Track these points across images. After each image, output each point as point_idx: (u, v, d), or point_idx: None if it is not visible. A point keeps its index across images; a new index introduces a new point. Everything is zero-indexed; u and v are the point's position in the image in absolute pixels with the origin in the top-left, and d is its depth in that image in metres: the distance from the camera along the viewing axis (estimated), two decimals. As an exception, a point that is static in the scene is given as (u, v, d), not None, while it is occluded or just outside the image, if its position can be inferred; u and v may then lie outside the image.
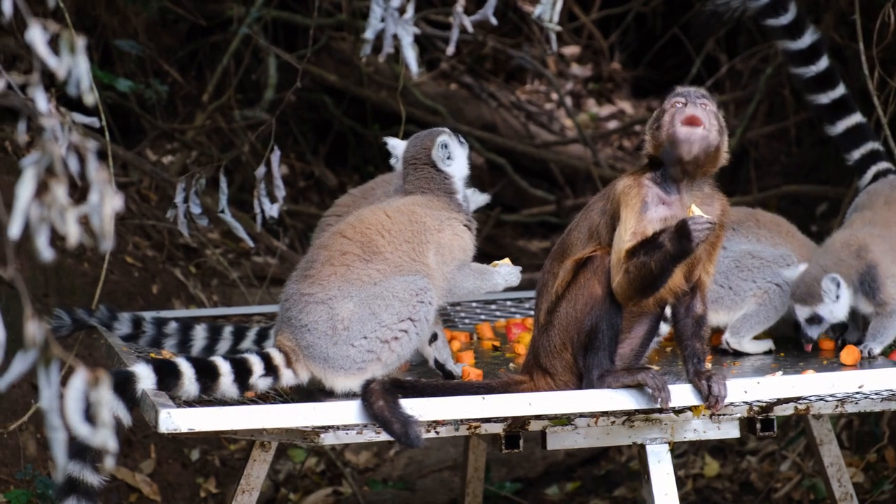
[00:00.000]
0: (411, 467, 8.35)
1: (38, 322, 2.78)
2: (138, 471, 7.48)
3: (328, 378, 4.77)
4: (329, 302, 4.77)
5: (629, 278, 4.49)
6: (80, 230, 2.86)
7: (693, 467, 8.21)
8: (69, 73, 2.93)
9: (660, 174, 4.58)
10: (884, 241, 5.45)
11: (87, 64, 2.93)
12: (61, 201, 2.84)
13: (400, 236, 4.89)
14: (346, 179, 11.54)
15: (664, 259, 4.42)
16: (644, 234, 4.49)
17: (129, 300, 8.03)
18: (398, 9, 4.16)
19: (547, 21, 4.14)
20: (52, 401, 2.86)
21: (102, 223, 2.86)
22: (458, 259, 5.00)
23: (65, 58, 2.92)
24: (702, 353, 4.61)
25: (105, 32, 9.29)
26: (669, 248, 4.41)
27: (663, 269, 4.45)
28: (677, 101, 4.57)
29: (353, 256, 4.83)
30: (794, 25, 5.78)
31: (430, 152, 5.14)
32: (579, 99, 13.52)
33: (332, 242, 4.89)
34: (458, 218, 5.07)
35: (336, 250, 4.86)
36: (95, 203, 2.87)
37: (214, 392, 4.60)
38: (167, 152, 9.91)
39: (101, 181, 2.85)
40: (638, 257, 4.45)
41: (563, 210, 11.36)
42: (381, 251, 4.85)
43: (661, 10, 13.03)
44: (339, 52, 11.35)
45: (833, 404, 4.92)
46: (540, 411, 4.49)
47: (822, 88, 5.88)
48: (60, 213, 2.84)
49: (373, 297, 4.79)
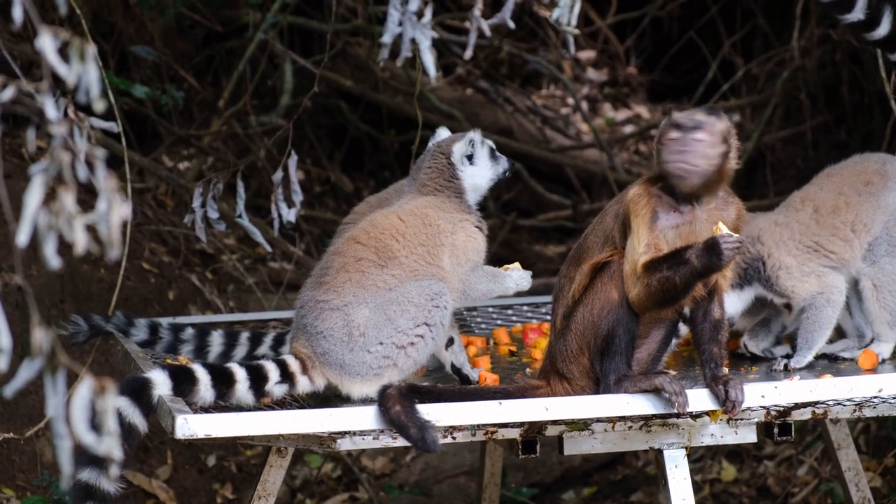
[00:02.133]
0: (428, 472, 8.35)
1: (45, 330, 2.78)
2: (154, 477, 7.49)
3: (345, 384, 4.77)
4: (344, 308, 4.77)
5: (650, 291, 4.48)
6: (88, 238, 2.85)
7: (710, 472, 8.19)
8: (79, 80, 2.93)
9: (671, 184, 4.58)
10: (784, 228, 5.33)
11: (98, 71, 2.93)
12: (69, 209, 2.84)
13: (414, 240, 4.89)
14: (362, 185, 11.55)
15: (690, 275, 4.42)
16: (657, 247, 4.49)
17: (145, 306, 8.04)
18: (416, 13, 4.16)
19: (565, 24, 4.13)
20: (59, 409, 2.86)
21: (110, 231, 2.86)
22: (472, 261, 4.99)
23: (75, 65, 2.92)
24: (719, 357, 4.60)
25: (121, 38, 9.30)
26: (696, 265, 4.40)
27: (688, 284, 4.45)
28: (672, 132, 4.55)
29: (368, 262, 4.83)
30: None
31: (453, 146, 5.13)
32: (595, 103, 13.51)
33: (346, 248, 4.89)
34: (469, 220, 5.06)
35: (351, 256, 4.85)
36: (103, 211, 2.87)
37: (230, 399, 4.60)
38: (183, 158, 9.92)
39: (110, 189, 2.85)
40: (660, 272, 4.44)
41: (579, 215, 11.35)
42: (396, 256, 4.85)
43: (676, 14, 13.02)
44: (354, 58, 11.36)
45: (851, 408, 4.90)
46: (557, 416, 4.49)
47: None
48: (68, 221, 2.84)
49: (388, 302, 4.80)
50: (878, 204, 5.32)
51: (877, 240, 5.30)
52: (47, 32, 2.85)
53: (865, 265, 5.30)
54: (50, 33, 2.85)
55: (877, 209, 5.31)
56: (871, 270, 5.29)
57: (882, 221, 5.30)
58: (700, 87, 12.08)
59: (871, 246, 5.30)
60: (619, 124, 13.27)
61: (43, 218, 2.84)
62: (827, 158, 9.67)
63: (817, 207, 5.35)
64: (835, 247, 5.29)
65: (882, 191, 5.34)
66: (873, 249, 5.30)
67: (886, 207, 5.32)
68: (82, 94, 2.92)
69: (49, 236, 2.84)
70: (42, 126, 2.93)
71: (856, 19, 5.48)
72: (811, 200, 5.39)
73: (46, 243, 2.84)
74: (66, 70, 2.91)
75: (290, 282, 8.83)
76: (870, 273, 5.29)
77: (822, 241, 5.29)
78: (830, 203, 5.35)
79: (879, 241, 5.30)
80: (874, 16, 5.48)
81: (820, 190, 5.44)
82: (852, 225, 5.31)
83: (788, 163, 10.39)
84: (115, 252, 2.86)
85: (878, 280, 5.28)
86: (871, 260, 5.30)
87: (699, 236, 4.53)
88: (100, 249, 2.87)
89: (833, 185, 5.42)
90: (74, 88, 2.91)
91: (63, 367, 2.82)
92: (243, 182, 6.30)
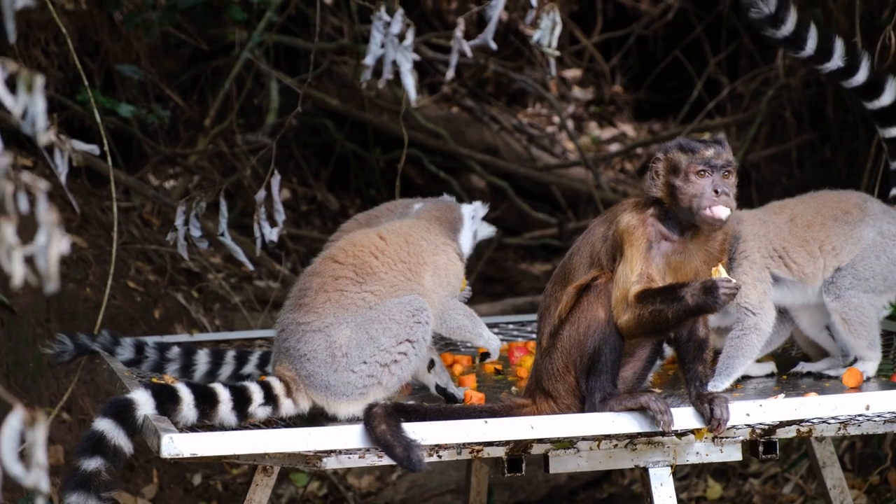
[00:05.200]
0: (414, 491, 8.34)
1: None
2: (140, 496, 7.48)
3: (331, 405, 4.76)
4: (326, 330, 4.76)
5: (641, 321, 4.49)
6: (27, 270, 2.84)
7: (696, 490, 8.20)
8: (25, 110, 2.92)
9: (664, 212, 4.58)
10: (762, 225, 5.33)
11: (45, 103, 2.91)
12: (9, 240, 2.82)
13: (395, 256, 4.89)
14: (348, 203, 11.56)
15: (682, 312, 4.43)
16: (650, 276, 4.50)
17: (131, 325, 8.03)
18: (398, 35, 4.18)
19: (545, 46, 4.15)
20: None
21: (48, 265, 2.84)
22: (452, 285, 5.01)
23: (21, 96, 2.90)
24: (704, 376, 4.61)
25: (107, 57, 9.31)
26: (690, 304, 4.41)
27: (679, 320, 4.46)
28: (702, 171, 4.54)
29: (346, 280, 4.82)
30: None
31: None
32: (581, 122, 13.55)
33: (323, 268, 4.88)
34: (452, 246, 5.09)
35: (328, 276, 4.84)
36: (42, 245, 2.85)
37: (213, 419, 4.59)
38: (169, 177, 9.92)
39: (49, 223, 2.83)
40: (653, 304, 4.45)
41: (565, 233, 11.37)
42: (374, 272, 4.84)
43: (662, 33, 13.07)
44: (340, 77, 11.38)
45: (836, 427, 4.91)
46: (542, 435, 4.49)
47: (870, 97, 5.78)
48: (7, 253, 2.82)
49: (369, 321, 4.78)
50: (850, 234, 5.35)
51: (841, 271, 5.32)
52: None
53: (830, 299, 5.32)
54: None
55: (848, 238, 5.34)
56: (836, 305, 5.31)
57: (851, 252, 5.33)
58: (685, 106, 12.13)
59: (834, 277, 5.32)
60: (605, 143, 13.30)
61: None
62: (812, 176, 9.72)
63: (793, 217, 5.39)
64: (800, 258, 5.31)
65: (858, 223, 5.38)
66: (836, 282, 5.32)
67: (858, 240, 5.35)
68: (28, 125, 2.91)
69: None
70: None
71: (835, 67, 5.56)
72: (789, 209, 5.43)
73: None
74: (12, 101, 2.90)
75: (277, 300, 8.82)
76: (836, 308, 5.31)
77: (790, 248, 5.32)
78: (807, 217, 5.39)
79: (844, 274, 5.32)
80: (853, 63, 5.57)
81: (800, 203, 5.48)
82: (821, 244, 5.34)
83: (773, 181, 10.42)
84: (52, 285, 2.85)
85: (846, 314, 5.31)
86: (836, 294, 5.32)
87: (688, 266, 4.56)
88: (37, 281, 2.85)
89: (813, 204, 5.46)
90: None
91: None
92: (229, 201, 6.30)
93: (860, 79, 5.58)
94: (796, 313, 5.48)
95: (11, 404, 2.81)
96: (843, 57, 5.53)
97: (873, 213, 5.41)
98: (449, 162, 11.60)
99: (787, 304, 5.41)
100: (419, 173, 11.57)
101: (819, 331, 5.50)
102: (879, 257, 5.34)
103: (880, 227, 5.37)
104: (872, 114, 5.65)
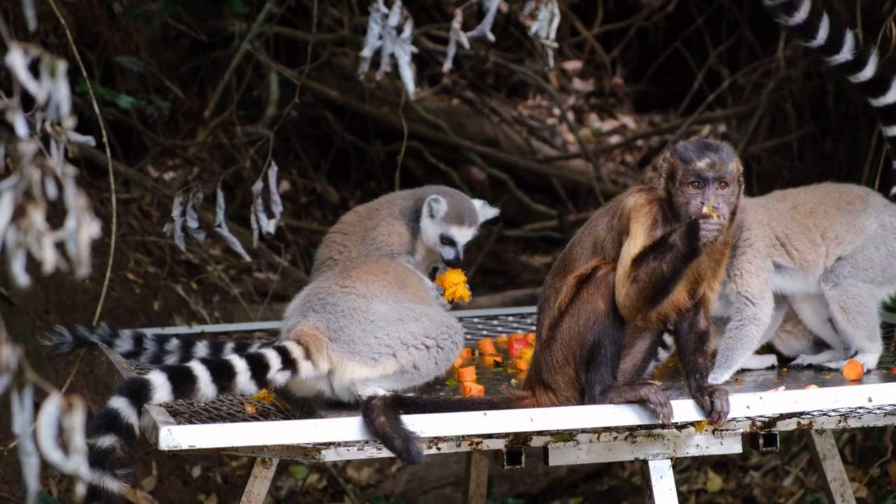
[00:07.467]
0: (413, 483, 8.34)
1: (13, 346, 2.76)
2: (139, 488, 7.47)
3: (343, 362, 4.79)
4: (368, 297, 4.93)
5: (639, 286, 4.47)
6: (57, 256, 2.83)
7: (696, 483, 8.19)
8: (49, 96, 2.91)
9: (669, 204, 4.57)
10: (765, 212, 5.33)
11: (68, 88, 2.90)
12: (38, 227, 2.81)
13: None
14: (348, 195, 11.54)
15: (675, 260, 4.41)
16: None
17: (130, 317, 8.03)
18: (396, 27, 4.17)
19: (544, 37, 4.13)
20: (26, 426, 2.84)
21: (79, 250, 2.84)
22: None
23: (45, 82, 2.90)
24: (704, 368, 4.60)
25: (107, 49, 9.29)
26: (680, 248, 4.40)
27: (675, 271, 4.43)
28: (694, 182, 4.52)
29: (403, 287, 5.15)
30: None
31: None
32: (581, 114, 13.53)
33: (392, 269, 5.26)
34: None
35: (393, 274, 5.17)
36: (72, 229, 2.84)
37: (233, 391, 4.60)
38: (169, 168, 9.91)
39: (79, 208, 2.83)
40: (647, 263, 4.44)
41: (566, 225, 11.36)
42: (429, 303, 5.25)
43: (662, 25, 13.05)
44: (340, 68, 11.36)
45: (836, 419, 4.90)
46: (542, 427, 4.48)
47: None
48: (37, 239, 2.82)
49: (408, 309, 4.95)
50: (853, 223, 5.35)
51: (841, 260, 5.32)
52: (17, 49, 2.83)
53: (828, 287, 5.31)
54: (20, 49, 2.83)
55: (851, 227, 5.34)
56: (834, 293, 5.30)
57: (853, 242, 5.32)
58: (686, 98, 12.12)
59: (834, 266, 5.31)
60: (605, 135, 13.28)
61: (11, 235, 2.82)
62: (813, 169, 9.71)
63: (796, 205, 5.39)
64: (801, 245, 5.31)
65: (860, 214, 5.37)
66: (836, 270, 5.31)
67: (861, 230, 5.34)
68: (52, 111, 2.90)
69: (17, 253, 2.82)
70: (12, 143, 2.90)
71: (844, 60, 5.54)
72: (792, 197, 5.44)
73: (15, 260, 2.81)
74: (35, 87, 2.89)
75: (276, 292, 8.81)
76: (834, 296, 5.30)
77: (792, 235, 5.31)
78: (809, 205, 5.38)
79: (844, 263, 5.32)
80: (861, 57, 5.55)
81: (803, 192, 5.48)
82: (823, 231, 5.33)
83: (774, 173, 10.40)
84: (84, 270, 2.84)
85: (845, 303, 5.29)
86: (834, 282, 5.31)
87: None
88: (68, 267, 2.84)
89: (817, 193, 5.46)
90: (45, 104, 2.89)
91: (30, 383, 2.80)
92: (229, 193, 6.29)
93: (867, 74, 5.56)
94: (798, 305, 5.47)
95: (47, 392, 2.81)
96: (852, 50, 5.51)
97: (876, 205, 5.42)
98: (449, 154, 11.59)
99: (788, 293, 5.40)
100: (419, 165, 11.56)
101: (822, 324, 5.49)
102: (879, 249, 5.34)
103: (882, 219, 5.37)
104: (877, 111, 5.64)
